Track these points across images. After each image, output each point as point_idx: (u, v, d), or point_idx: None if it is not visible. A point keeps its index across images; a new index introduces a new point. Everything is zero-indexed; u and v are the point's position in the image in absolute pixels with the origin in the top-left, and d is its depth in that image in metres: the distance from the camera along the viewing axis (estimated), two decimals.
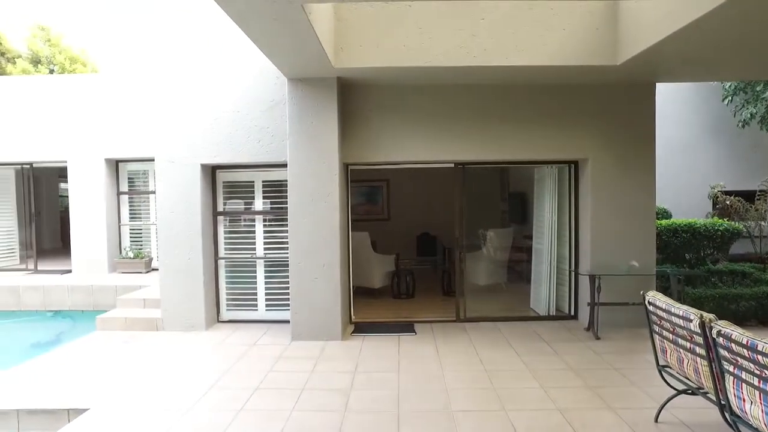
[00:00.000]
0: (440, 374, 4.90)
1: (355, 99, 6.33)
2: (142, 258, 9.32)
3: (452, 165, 6.67)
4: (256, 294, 6.80)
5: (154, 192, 9.73)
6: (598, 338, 5.93)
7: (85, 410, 4.22)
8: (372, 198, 11.07)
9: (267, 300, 6.79)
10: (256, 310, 6.81)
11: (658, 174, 6.52)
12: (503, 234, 8.67)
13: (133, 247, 9.77)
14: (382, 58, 5.51)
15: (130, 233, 10.00)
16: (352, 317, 6.74)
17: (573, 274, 6.74)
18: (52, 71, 17.78)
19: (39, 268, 10.12)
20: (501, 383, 4.65)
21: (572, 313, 6.78)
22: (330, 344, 5.86)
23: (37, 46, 17.77)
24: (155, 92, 6.46)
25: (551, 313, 6.88)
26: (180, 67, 6.41)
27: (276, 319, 6.72)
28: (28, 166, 10.22)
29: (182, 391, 4.56)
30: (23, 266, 10.48)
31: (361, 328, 6.43)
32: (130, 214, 10.02)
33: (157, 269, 9.33)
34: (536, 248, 7.30)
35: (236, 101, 6.32)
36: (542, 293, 6.98)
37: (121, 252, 9.72)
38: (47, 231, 13.68)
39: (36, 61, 17.52)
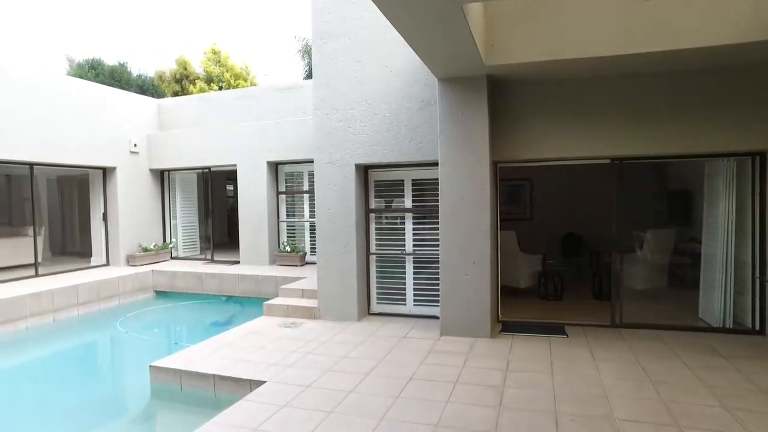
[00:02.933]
0: (598, 379, 4.65)
1: (504, 96, 6.27)
2: (297, 252, 10.24)
3: (608, 161, 6.27)
4: (404, 289, 7.06)
5: (307, 191, 10.65)
6: None
7: (263, 382, 4.79)
8: (514, 197, 10.81)
9: (415, 295, 7.01)
10: (405, 304, 7.07)
11: None
12: (664, 235, 7.91)
13: (290, 241, 10.77)
14: (534, 53, 5.38)
15: (287, 229, 11.04)
16: (500, 316, 6.67)
17: (759, 281, 5.90)
18: (220, 87, 20.29)
19: (214, 258, 11.65)
20: (670, 396, 4.27)
21: (757, 327, 5.94)
22: (479, 341, 5.88)
23: (211, 67, 20.48)
24: (313, 98, 7.05)
25: (727, 326, 6.10)
26: (335, 73, 6.90)
27: (423, 314, 6.93)
28: (207, 170, 11.82)
29: (342, 375, 4.93)
30: (202, 256, 12.18)
31: (509, 327, 6.35)
32: (287, 211, 11.06)
33: (310, 263, 10.23)
34: (707, 252, 6.53)
35: (389, 103, 6.64)
36: (715, 302, 6.23)
37: (279, 246, 10.77)
38: (218, 226, 15.66)
39: (209, 80, 20.20)
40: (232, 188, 15.98)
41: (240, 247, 11.01)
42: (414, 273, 7.00)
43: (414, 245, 7.00)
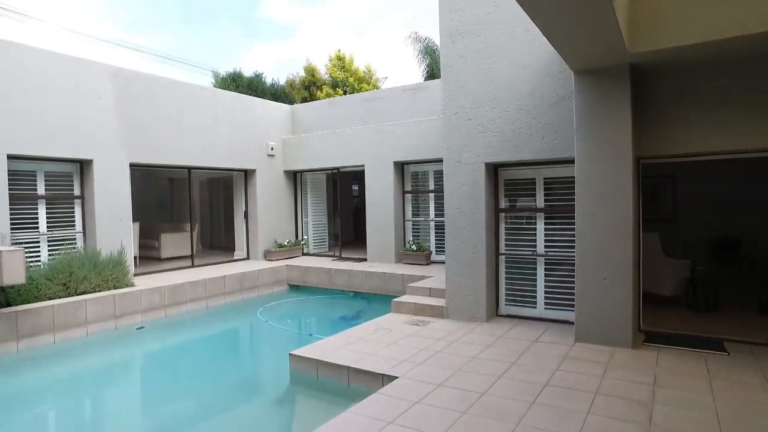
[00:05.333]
0: None
1: (649, 85, 5.74)
2: (423, 251, 10.36)
3: None
4: (535, 291, 6.80)
5: (433, 191, 10.72)
6: None
7: (395, 377, 4.90)
8: (656, 195, 9.84)
9: (546, 298, 6.72)
10: (535, 307, 6.81)
11: None
12: None
13: (415, 240, 10.93)
14: (687, 35, 4.81)
15: (412, 228, 11.23)
16: (641, 325, 6.13)
17: None
18: (345, 92, 21.26)
19: (342, 255, 12.24)
20: None
21: None
22: (619, 351, 5.45)
23: (336, 72, 21.57)
24: (442, 97, 7.05)
25: None
26: (463, 71, 6.82)
27: (555, 318, 6.61)
28: (336, 171, 12.46)
29: (474, 376, 4.88)
30: (331, 253, 12.86)
31: (654, 338, 5.80)
32: (412, 210, 11.24)
33: (436, 262, 10.29)
34: None
35: (519, 100, 6.42)
36: None
37: (405, 245, 10.99)
38: (344, 225, 16.45)
39: (335, 85, 21.29)
40: (357, 188, 16.67)
41: (367, 244, 11.43)
42: (545, 275, 6.70)
43: (546, 246, 6.70)
